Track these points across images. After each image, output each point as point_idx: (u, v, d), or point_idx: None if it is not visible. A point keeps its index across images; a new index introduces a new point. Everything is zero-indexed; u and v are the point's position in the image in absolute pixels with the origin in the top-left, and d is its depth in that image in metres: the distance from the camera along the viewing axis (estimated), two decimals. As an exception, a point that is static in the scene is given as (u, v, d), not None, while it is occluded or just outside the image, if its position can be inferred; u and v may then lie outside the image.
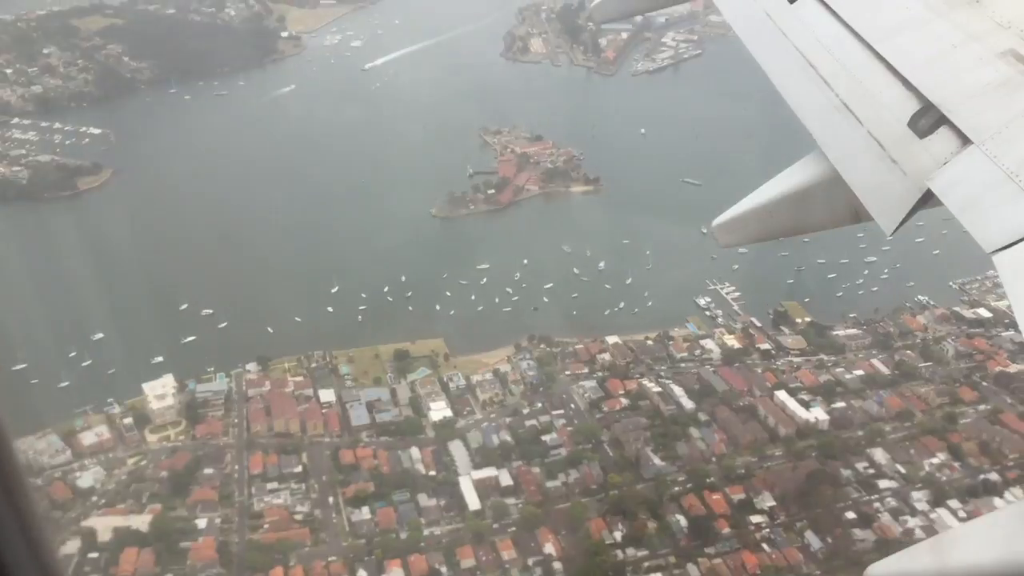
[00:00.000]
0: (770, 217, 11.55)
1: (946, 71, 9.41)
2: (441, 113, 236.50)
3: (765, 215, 11.56)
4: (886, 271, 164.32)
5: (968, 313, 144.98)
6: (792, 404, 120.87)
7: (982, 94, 8.86)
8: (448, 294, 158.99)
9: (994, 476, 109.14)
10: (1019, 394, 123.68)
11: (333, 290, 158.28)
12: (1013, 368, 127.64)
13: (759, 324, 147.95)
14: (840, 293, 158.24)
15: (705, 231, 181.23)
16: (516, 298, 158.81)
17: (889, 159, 9.28)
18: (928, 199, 8.83)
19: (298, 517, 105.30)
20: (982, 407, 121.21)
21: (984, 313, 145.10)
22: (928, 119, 9.19)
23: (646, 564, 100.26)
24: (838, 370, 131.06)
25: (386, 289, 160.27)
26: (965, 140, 8.67)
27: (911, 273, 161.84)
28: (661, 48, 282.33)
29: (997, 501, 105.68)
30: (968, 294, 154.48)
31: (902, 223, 9.11)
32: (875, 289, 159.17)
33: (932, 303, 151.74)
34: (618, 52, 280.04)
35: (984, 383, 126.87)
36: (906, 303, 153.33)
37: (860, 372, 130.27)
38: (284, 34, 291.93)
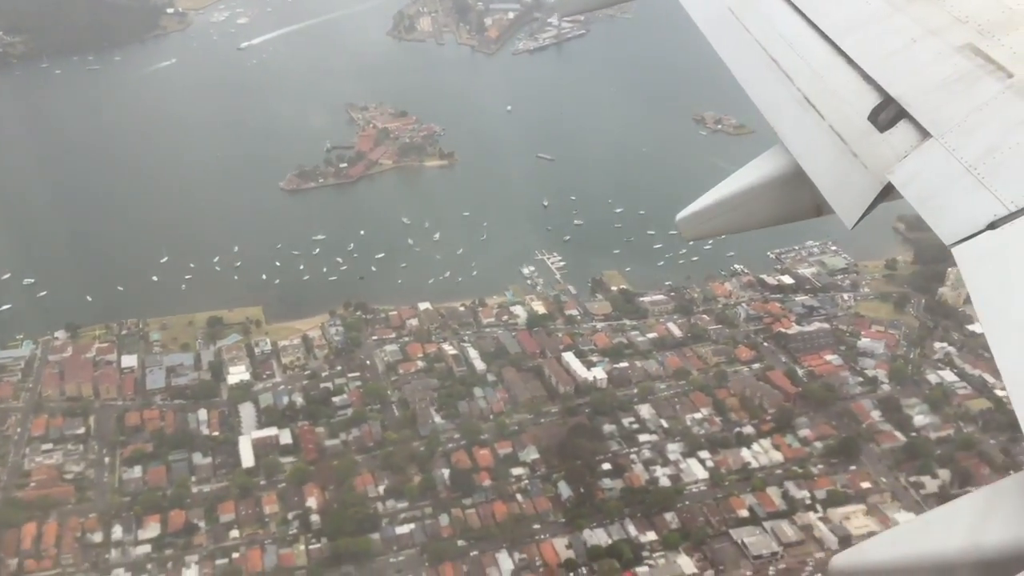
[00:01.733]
0: (733, 210, 11.48)
1: (906, 65, 9.42)
2: (312, 90, 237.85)
3: (728, 208, 11.49)
4: (710, 242, 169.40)
5: (772, 280, 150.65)
6: (576, 365, 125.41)
7: (941, 88, 8.83)
8: (277, 264, 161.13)
9: (748, 429, 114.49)
10: (793, 353, 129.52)
11: (162, 260, 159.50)
12: (793, 329, 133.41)
13: (574, 292, 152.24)
14: (661, 263, 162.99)
15: (546, 203, 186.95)
16: (345, 268, 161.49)
17: (850, 153, 9.21)
18: (888, 192, 8.73)
19: (68, 476, 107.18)
20: (756, 365, 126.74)
21: (787, 280, 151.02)
22: (888, 113, 9.17)
23: (402, 515, 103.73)
24: (633, 333, 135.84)
25: (216, 259, 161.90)
26: (924, 134, 8.65)
27: (734, 243, 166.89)
28: (546, 28, 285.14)
29: (744, 452, 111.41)
30: (782, 263, 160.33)
31: (863, 216, 9.00)
32: (695, 259, 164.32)
33: (745, 271, 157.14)
34: (502, 31, 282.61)
35: (765, 344, 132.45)
36: (721, 271, 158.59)
37: (654, 335, 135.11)
38: (170, 10, 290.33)
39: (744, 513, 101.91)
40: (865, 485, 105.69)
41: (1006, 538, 6.22)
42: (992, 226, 7.39)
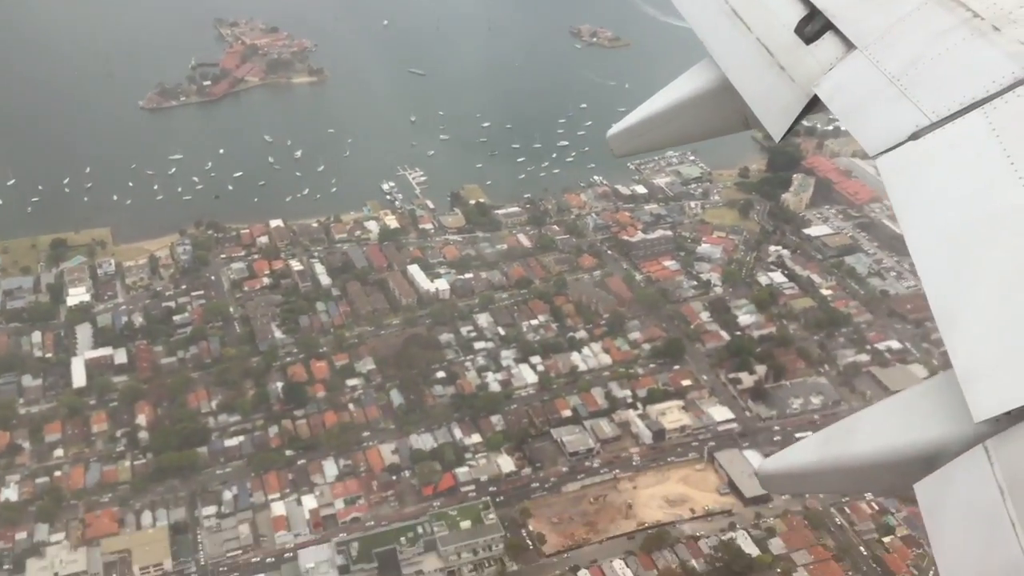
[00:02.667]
0: (663, 125, 11.26)
1: None
2: (179, 4, 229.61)
3: (658, 124, 11.27)
4: (573, 154, 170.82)
5: (627, 190, 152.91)
6: (420, 277, 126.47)
7: None
8: (131, 184, 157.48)
9: (582, 334, 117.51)
10: (634, 260, 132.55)
11: (9, 183, 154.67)
12: (637, 237, 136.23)
13: (432, 206, 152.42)
14: (523, 176, 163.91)
15: (413, 119, 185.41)
16: (200, 187, 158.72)
17: (777, 65, 9.02)
18: (815, 104, 8.60)
19: None
20: (597, 273, 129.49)
21: (641, 190, 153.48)
22: (814, 25, 8.97)
23: (233, 428, 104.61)
24: (483, 245, 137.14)
25: (66, 181, 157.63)
26: (849, 45, 8.50)
27: (596, 156, 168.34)
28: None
29: (575, 356, 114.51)
30: (641, 173, 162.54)
31: (790, 129, 8.84)
32: (557, 171, 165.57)
33: (604, 182, 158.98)
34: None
35: (609, 252, 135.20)
36: (580, 183, 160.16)
37: (504, 246, 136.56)
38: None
39: (567, 413, 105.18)
40: (686, 383, 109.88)
41: (922, 439, 6.24)
42: (914, 137, 7.34)
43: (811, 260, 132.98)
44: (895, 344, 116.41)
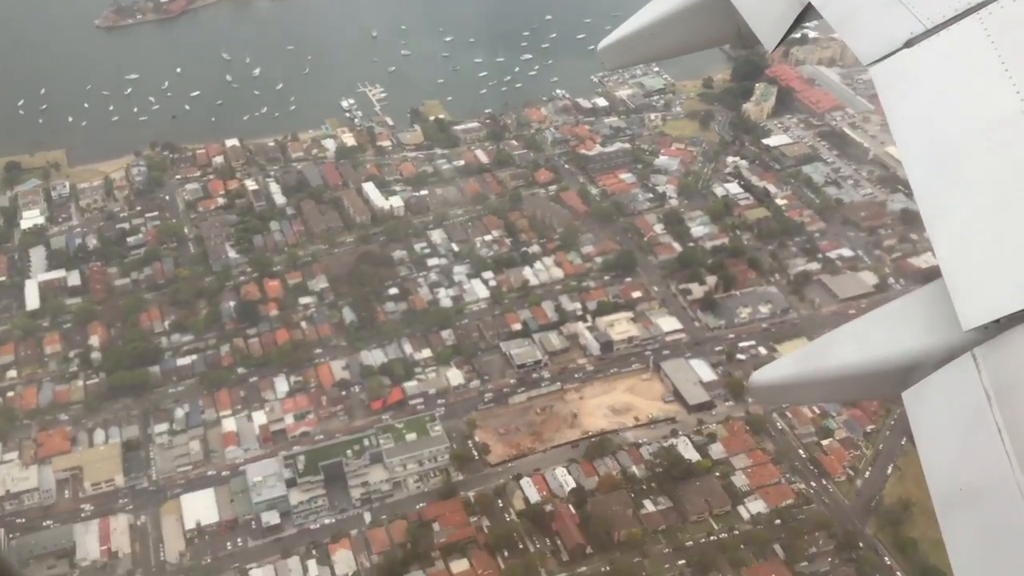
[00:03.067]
0: (654, 38, 11.06)
1: None
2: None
3: (649, 36, 11.06)
4: (536, 68, 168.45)
5: (588, 104, 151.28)
6: (375, 194, 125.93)
7: None
8: (86, 105, 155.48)
9: (535, 248, 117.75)
10: (591, 173, 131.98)
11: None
12: (595, 151, 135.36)
13: (392, 123, 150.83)
14: (484, 91, 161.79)
15: (375, 34, 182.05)
16: (157, 107, 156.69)
17: None
18: (808, 13, 8.37)
19: None
20: (552, 187, 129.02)
21: (602, 103, 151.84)
22: None
23: (186, 348, 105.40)
24: (441, 161, 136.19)
25: (21, 103, 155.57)
26: None
27: (559, 69, 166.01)
28: None
29: (527, 270, 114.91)
30: (604, 86, 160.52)
31: (784, 38, 8.67)
32: (519, 86, 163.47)
33: (565, 95, 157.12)
34: None
35: (566, 166, 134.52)
36: (542, 97, 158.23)
37: (461, 162, 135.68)
38: None
39: (517, 327, 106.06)
40: (636, 295, 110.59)
41: (911, 348, 6.27)
42: (908, 44, 7.19)
43: (769, 170, 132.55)
44: (847, 252, 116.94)
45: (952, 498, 5.61)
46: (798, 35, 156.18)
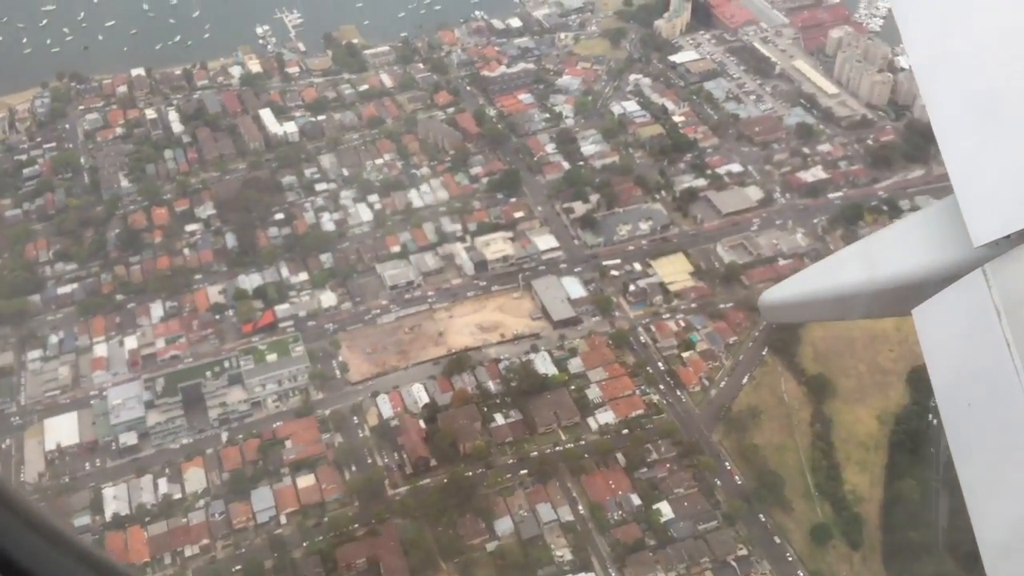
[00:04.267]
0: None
1: None
2: None
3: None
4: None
5: (501, 24, 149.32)
6: (271, 121, 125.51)
7: None
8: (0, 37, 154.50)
9: (424, 171, 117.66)
10: (490, 95, 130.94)
11: None
12: (498, 72, 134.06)
13: (303, 49, 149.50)
14: (403, 14, 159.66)
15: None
16: (71, 38, 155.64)
17: None
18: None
19: None
20: (451, 110, 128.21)
21: (516, 24, 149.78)
22: None
23: (68, 276, 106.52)
24: (344, 86, 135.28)
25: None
26: None
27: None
28: None
29: (413, 193, 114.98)
30: (523, 6, 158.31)
31: None
32: (439, 8, 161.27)
33: (483, 16, 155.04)
34: None
35: (468, 88, 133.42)
36: (460, 19, 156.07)
37: (366, 87, 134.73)
38: None
39: (396, 249, 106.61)
40: (519, 214, 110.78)
41: (922, 264, 6.28)
42: None
43: (671, 87, 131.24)
44: (736, 167, 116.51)
45: (960, 412, 5.58)
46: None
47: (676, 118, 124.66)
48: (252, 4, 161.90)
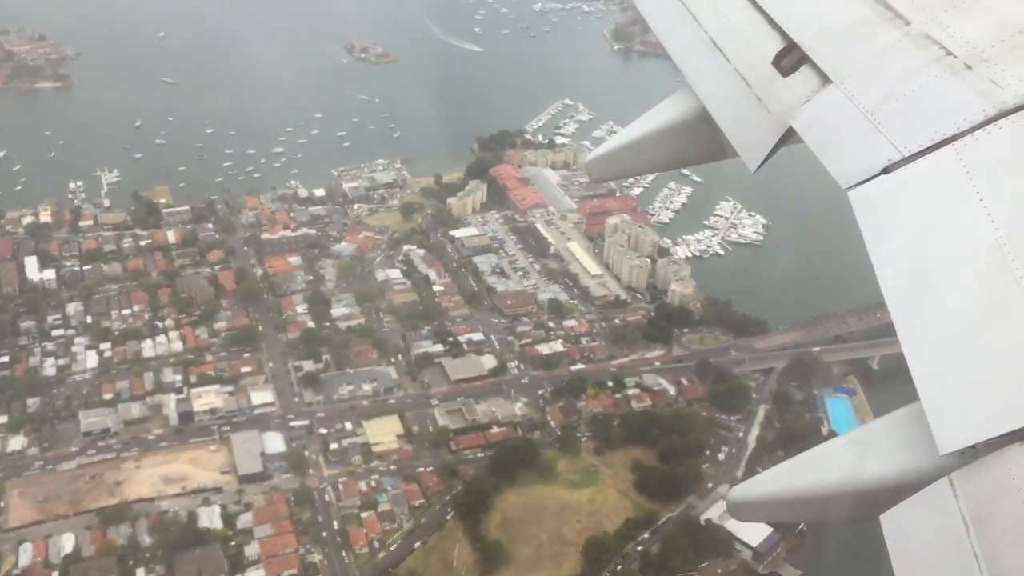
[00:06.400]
0: (640, 152, 11.27)
1: (809, 10, 9.42)
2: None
3: (636, 151, 11.29)
4: (283, 160, 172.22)
5: (305, 193, 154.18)
6: (32, 267, 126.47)
7: (842, 34, 8.73)
8: None
9: (169, 322, 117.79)
10: (263, 255, 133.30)
11: None
12: (279, 234, 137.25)
13: (107, 204, 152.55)
14: (220, 179, 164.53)
15: (139, 124, 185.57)
16: None
17: (754, 97, 9.06)
18: (790, 136, 8.61)
19: None
20: (218, 266, 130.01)
21: (319, 193, 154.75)
22: (791, 58, 8.98)
23: None
24: (126, 240, 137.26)
25: None
26: (825, 79, 8.49)
27: (303, 162, 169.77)
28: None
29: (148, 342, 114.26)
30: (341, 178, 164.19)
31: (766, 159, 8.81)
32: (258, 176, 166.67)
33: (296, 185, 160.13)
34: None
35: (246, 248, 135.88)
36: (274, 186, 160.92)
37: (148, 241, 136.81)
38: None
39: (108, 396, 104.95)
40: (246, 369, 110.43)
41: (888, 470, 6.26)
42: (886, 170, 7.32)
43: (441, 259, 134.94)
44: (478, 336, 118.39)
45: None
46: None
47: (436, 287, 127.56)
48: (76, 160, 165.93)
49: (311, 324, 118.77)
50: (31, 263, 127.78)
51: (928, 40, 7.98)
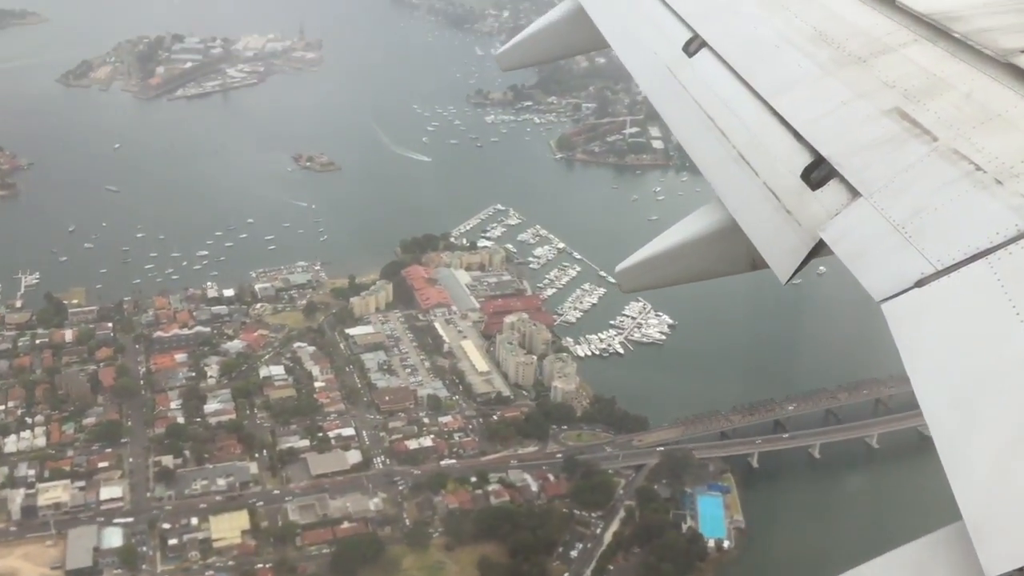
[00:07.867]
0: (670, 264, 11.31)
1: (836, 126, 9.50)
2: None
3: (666, 262, 11.32)
4: (205, 263, 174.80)
5: (215, 293, 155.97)
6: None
7: (870, 149, 8.91)
8: None
9: (39, 417, 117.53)
10: (151, 352, 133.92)
11: None
12: (171, 332, 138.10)
13: (19, 305, 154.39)
14: (139, 280, 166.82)
15: (72, 229, 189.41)
16: None
17: (784, 210, 9.15)
18: (820, 248, 8.61)
19: None
20: (102, 363, 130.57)
21: (228, 293, 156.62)
22: (820, 172, 9.10)
23: None
24: (23, 339, 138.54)
25: None
26: (854, 193, 8.61)
27: (225, 265, 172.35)
28: (215, 76, 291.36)
29: (12, 437, 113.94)
30: (258, 280, 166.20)
31: (797, 271, 8.86)
32: (176, 277, 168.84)
33: (211, 286, 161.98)
34: (170, 79, 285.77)
35: (137, 345, 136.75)
36: (188, 287, 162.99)
37: (44, 340, 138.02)
38: None
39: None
40: (103, 464, 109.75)
41: None
42: (919, 284, 7.34)
43: (329, 356, 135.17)
44: (348, 431, 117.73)
45: None
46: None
47: (318, 384, 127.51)
48: (4, 264, 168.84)
49: (181, 420, 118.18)
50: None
51: (957, 155, 8.01)
